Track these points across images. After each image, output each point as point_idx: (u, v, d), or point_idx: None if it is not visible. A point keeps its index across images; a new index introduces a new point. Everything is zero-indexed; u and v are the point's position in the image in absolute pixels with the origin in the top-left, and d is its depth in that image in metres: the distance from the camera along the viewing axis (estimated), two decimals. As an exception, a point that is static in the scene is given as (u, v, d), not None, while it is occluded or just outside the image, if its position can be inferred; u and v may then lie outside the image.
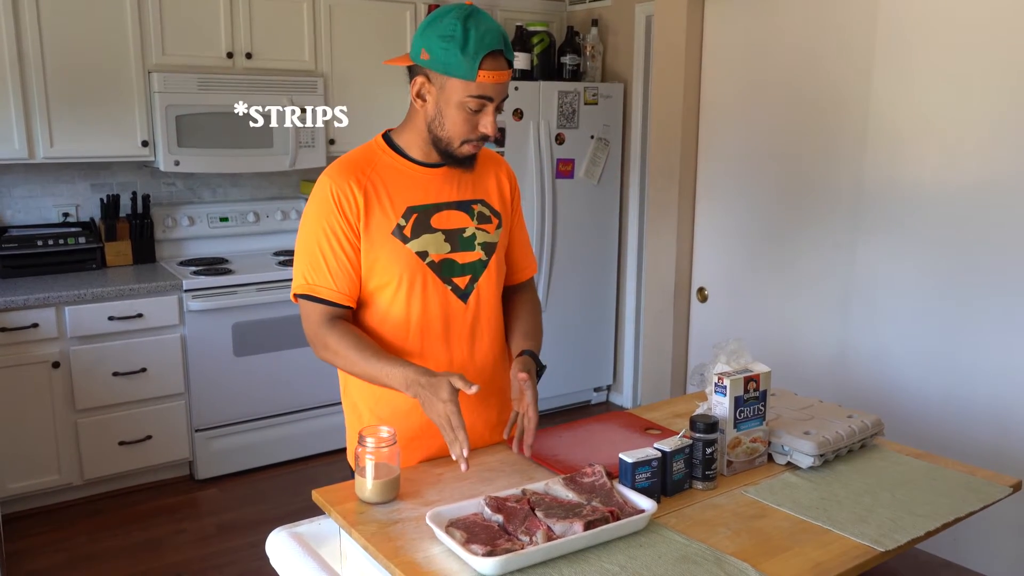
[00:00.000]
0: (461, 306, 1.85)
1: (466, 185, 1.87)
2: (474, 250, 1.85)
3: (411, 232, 1.78)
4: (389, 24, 4.32)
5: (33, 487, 3.47)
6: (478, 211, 1.87)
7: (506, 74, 1.70)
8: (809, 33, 3.15)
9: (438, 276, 1.81)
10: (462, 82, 1.68)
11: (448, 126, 1.73)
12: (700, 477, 1.72)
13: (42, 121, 3.53)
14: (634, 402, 4.85)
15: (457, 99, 1.70)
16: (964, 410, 2.84)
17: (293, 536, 1.65)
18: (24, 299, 3.32)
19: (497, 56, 1.68)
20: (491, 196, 1.91)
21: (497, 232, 1.90)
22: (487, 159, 1.95)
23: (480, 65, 1.66)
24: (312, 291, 1.77)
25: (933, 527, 1.59)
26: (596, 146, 4.57)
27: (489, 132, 1.73)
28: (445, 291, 1.82)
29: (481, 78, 1.67)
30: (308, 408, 4.06)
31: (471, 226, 1.85)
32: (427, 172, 1.82)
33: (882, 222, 3.00)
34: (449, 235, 1.82)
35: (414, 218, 1.78)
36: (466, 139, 1.74)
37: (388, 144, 1.83)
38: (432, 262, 1.80)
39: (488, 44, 1.66)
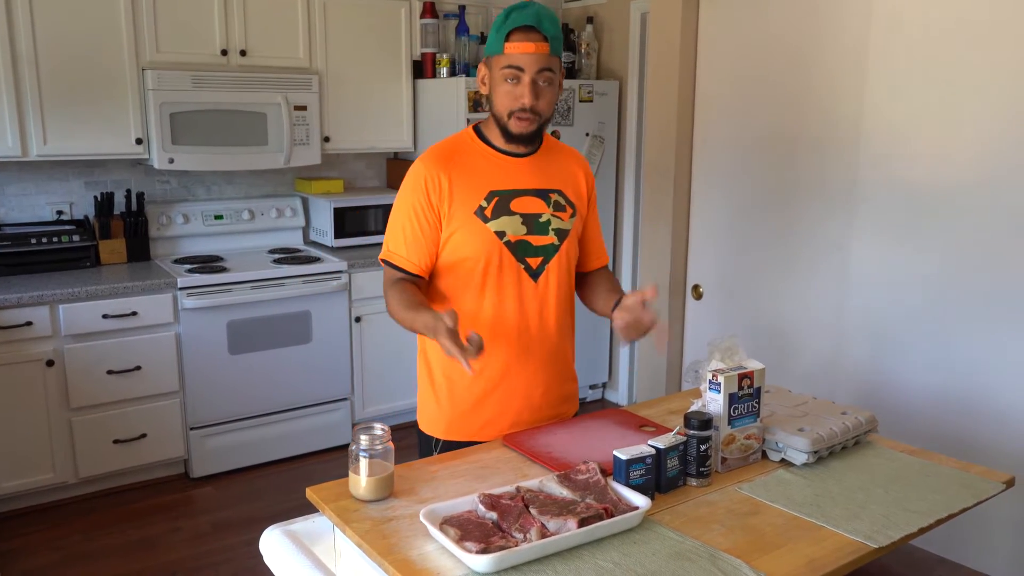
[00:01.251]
0: (532, 284, 2.00)
1: (546, 175, 2.03)
2: (548, 234, 2.01)
3: (492, 213, 1.95)
4: (384, 21, 4.31)
5: (27, 486, 3.46)
6: (554, 200, 2.03)
7: (531, 45, 1.86)
8: (804, 30, 3.15)
9: (513, 255, 1.97)
10: (497, 57, 1.90)
11: (496, 102, 1.93)
12: (694, 474, 1.72)
13: (35, 118, 3.52)
14: (629, 399, 4.85)
15: (497, 75, 1.90)
16: (957, 406, 2.85)
17: (287, 534, 1.64)
18: (18, 297, 3.31)
19: (527, 30, 1.86)
20: (568, 188, 2.06)
21: (571, 220, 2.05)
22: (569, 155, 2.13)
23: (507, 38, 1.86)
24: (388, 257, 2.00)
25: (927, 523, 1.60)
26: (591, 143, 4.57)
27: (526, 102, 1.88)
28: (518, 269, 1.99)
29: (508, 49, 1.87)
30: (303, 406, 4.06)
31: (547, 212, 2.01)
32: (511, 160, 2.00)
33: (876, 219, 3.01)
34: (526, 219, 1.98)
35: (495, 201, 1.96)
36: (510, 111, 1.91)
37: (477, 135, 2.02)
38: (509, 242, 1.96)
39: (515, 21, 1.86)
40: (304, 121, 4.08)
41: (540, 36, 1.87)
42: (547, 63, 1.88)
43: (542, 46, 1.87)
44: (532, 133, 1.95)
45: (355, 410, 4.23)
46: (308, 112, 4.09)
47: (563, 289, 2.06)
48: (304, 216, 4.52)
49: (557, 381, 2.10)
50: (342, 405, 4.18)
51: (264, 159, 4.02)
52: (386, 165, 4.83)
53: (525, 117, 1.90)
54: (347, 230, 4.33)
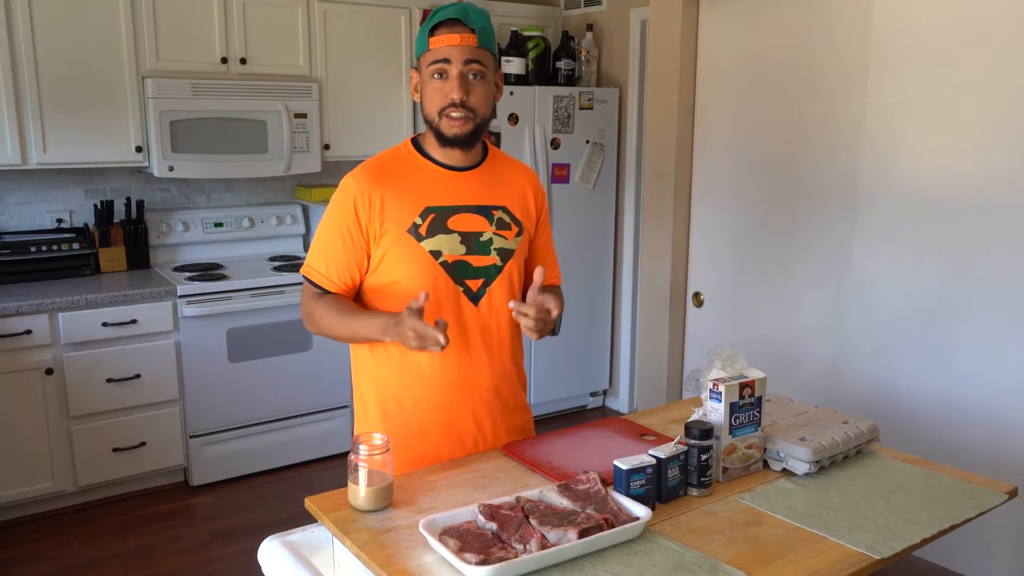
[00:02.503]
0: (473, 309, 1.88)
1: (490, 190, 1.91)
2: (489, 254, 1.89)
3: (426, 231, 1.83)
4: (384, 29, 4.31)
5: (26, 494, 3.45)
6: (498, 217, 1.91)
7: (456, 36, 1.78)
8: (804, 36, 3.15)
9: (451, 277, 1.85)
10: (424, 55, 1.82)
11: (426, 103, 1.83)
12: (695, 484, 1.71)
13: (35, 126, 3.52)
14: (630, 407, 4.84)
15: (426, 74, 1.82)
16: (960, 416, 2.84)
17: (285, 544, 1.63)
18: (17, 305, 3.31)
19: (452, 23, 1.79)
20: (514, 205, 1.95)
21: (516, 240, 1.93)
22: (517, 169, 2.01)
23: (431, 33, 1.79)
24: (308, 274, 1.91)
25: (929, 534, 1.59)
26: (591, 151, 4.57)
27: (455, 96, 1.78)
28: (457, 292, 1.86)
29: (433, 44, 1.79)
30: (303, 414, 4.05)
31: (489, 231, 1.89)
32: (451, 175, 1.88)
33: (877, 225, 3.00)
34: (465, 237, 1.86)
35: (431, 218, 1.84)
36: (440, 109, 1.80)
37: (416, 147, 1.91)
38: (445, 262, 1.84)
39: (439, 16, 1.79)
40: (304, 129, 4.08)
41: (466, 28, 1.78)
42: (475, 55, 1.78)
43: (468, 37, 1.77)
44: (467, 135, 1.82)
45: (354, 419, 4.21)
46: (308, 120, 4.09)
47: (508, 313, 1.90)
48: (304, 223, 4.52)
49: (504, 412, 1.97)
50: (342, 413, 4.17)
51: (264, 167, 4.02)
52: (386, 172, 4.82)
53: (457, 116, 1.79)
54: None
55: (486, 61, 1.81)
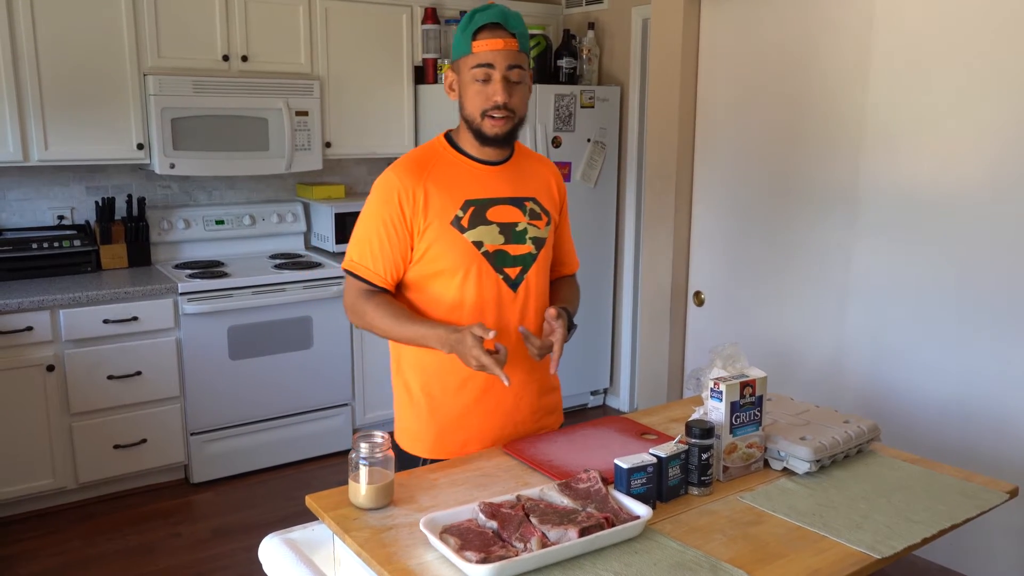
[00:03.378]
0: (511, 294, 1.97)
1: (520, 183, 2.00)
2: (525, 243, 1.97)
3: (468, 223, 1.91)
4: (385, 27, 4.31)
5: (27, 491, 3.46)
6: (530, 208, 2.00)
7: (500, 41, 1.84)
8: (806, 36, 3.14)
9: (491, 266, 1.93)
10: (465, 58, 1.87)
11: (467, 104, 1.89)
12: (696, 483, 1.71)
13: (37, 123, 3.52)
14: (631, 405, 4.84)
15: (467, 76, 1.88)
16: (961, 415, 2.84)
17: (286, 542, 1.64)
18: (19, 302, 3.31)
19: (493, 28, 1.84)
20: (541, 195, 2.04)
21: (546, 229, 2.03)
22: (541, 163, 2.10)
23: (474, 37, 1.84)
24: (354, 268, 1.95)
25: (930, 533, 1.59)
26: (593, 149, 4.57)
27: (499, 99, 1.85)
28: (497, 280, 1.94)
29: (476, 48, 1.85)
30: (304, 411, 4.05)
31: (523, 221, 1.98)
32: (484, 169, 1.96)
33: (879, 225, 3.00)
34: (503, 228, 1.95)
35: (471, 211, 1.92)
36: (483, 111, 1.87)
37: (449, 143, 1.98)
38: (487, 252, 1.92)
39: (480, 20, 1.84)
40: (305, 126, 4.08)
41: (507, 33, 1.85)
42: (516, 59, 1.86)
43: (511, 42, 1.85)
44: (507, 134, 1.90)
45: (355, 416, 4.22)
46: (309, 117, 4.09)
47: (542, 298, 2.03)
48: (305, 221, 4.52)
49: (539, 392, 2.07)
50: (343, 411, 4.17)
51: (265, 164, 4.02)
52: (387, 170, 4.82)
53: (500, 116, 1.86)
54: (348, 235, 4.27)
55: (524, 64, 1.89)
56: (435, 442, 1.98)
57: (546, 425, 2.10)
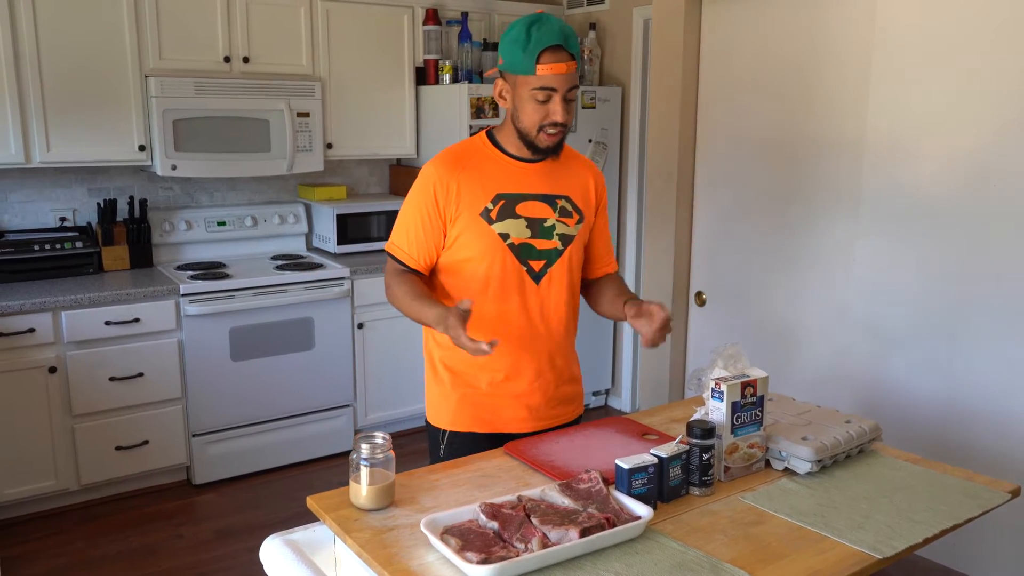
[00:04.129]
0: (534, 286, 2.05)
1: (554, 181, 2.07)
2: (552, 239, 2.05)
3: (497, 216, 2.00)
4: (386, 28, 4.31)
5: (30, 492, 3.46)
6: (561, 205, 2.07)
7: (563, 65, 1.89)
8: (807, 37, 3.14)
9: (516, 257, 2.02)
10: (526, 76, 1.91)
11: (523, 118, 1.96)
12: (697, 483, 1.71)
13: (39, 125, 3.52)
14: (632, 406, 4.84)
15: (526, 93, 1.93)
16: (962, 415, 2.83)
17: (287, 543, 1.64)
18: (21, 304, 3.31)
19: (556, 50, 1.89)
20: (575, 194, 2.10)
21: (576, 227, 2.09)
22: (580, 162, 2.16)
23: (538, 59, 1.89)
24: (392, 250, 2.08)
25: (931, 534, 1.59)
26: (594, 149, 4.57)
27: (559, 119, 1.93)
28: (520, 271, 2.03)
29: (540, 71, 1.89)
30: (306, 412, 4.05)
31: (552, 217, 2.05)
32: (520, 166, 2.04)
33: (880, 226, 3.00)
34: (531, 222, 2.03)
35: (501, 204, 2.00)
36: (540, 127, 1.95)
37: (490, 139, 2.06)
38: (512, 244, 2.01)
39: (545, 41, 1.88)
40: (307, 128, 4.09)
41: (568, 55, 1.91)
42: (574, 81, 1.93)
43: (572, 65, 1.91)
44: (559, 145, 2.01)
45: (357, 417, 4.22)
46: (311, 119, 4.09)
47: (565, 293, 2.09)
48: (307, 222, 4.52)
49: (558, 381, 2.14)
50: (344, 412, 4.17)
51: (267, 166, 4.02)
52: (389, 171, 4.83)
53: (555, 132, 1.95)
54: (350, 237, 4.33)
55: (578, 82, 1.98)
56: (456, 416, 2.09)
57: (561, 414, 2.16)
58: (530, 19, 1.93)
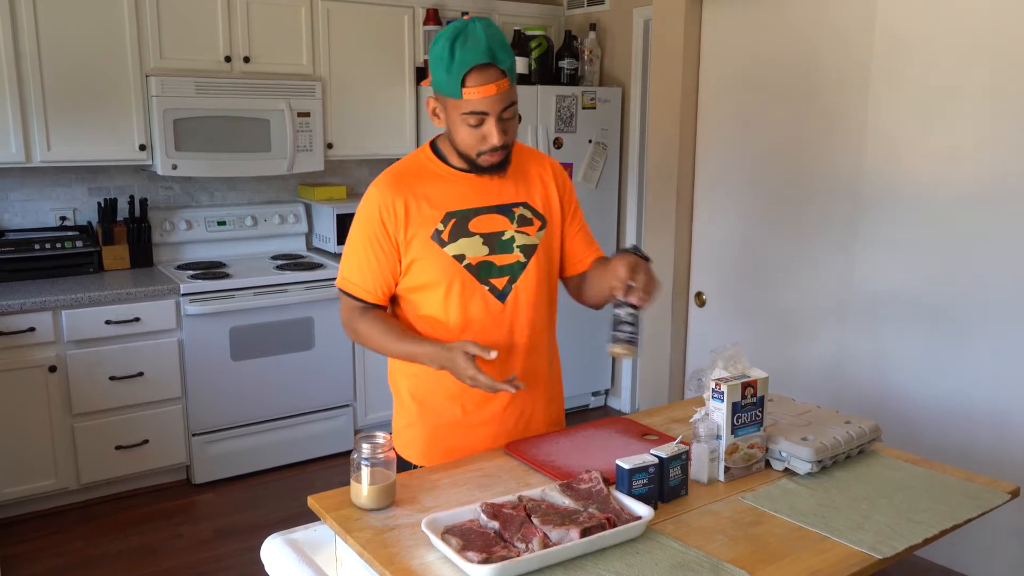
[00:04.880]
0: (499, 306, 1.90)
1: (508, 189, 1.91)
2: (512, 252, 1.90)
3: (448, 236, 1.85)
4: (387, 28, 4.31)
5: (29, 491, 3.46)
6: (519, 214, 1.92)
7: (492, 87, 1.71)
8: (807, 37, 3.15)
9: (475, 278, 1.87)
10: (454, 101, 1.75)
11: (459, 140, 1.81)
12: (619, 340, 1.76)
13: (39, 124, 3.53)
14: (632, 406, 4.85)
15: (457, 116, 1.77)
16: (962, 416, 2.84)
17: (288, 543, 1.64)
18: (21, 303, 3.32)
19: (484, 69, 1.70)
20: (534, 198, 1.95)
21: (539, 234, 1.94)
22: (533, 160, 1.99)
23: (463, 83, 1.71)
24: (346, 287, 1.92)
25: (931, 534, 1.59)
26: (594, 150, 4.57)
27: (495, 142, 1.77)
28: (483, 292, 1.89)
29: (466, 95, 1.72)
30: (306, 412, 4.05)
31: (510, 229, 1.90)
32: (468, 178, 1.88)
33: (880, 227, 3.00)
34: (487, 238, 1.88)
35: (452, 223, 1.86)
36: (479, 151, 1.80)
37: (434, 151, 1.91)
38: (469, 265, 1.87)
39: (469, 61, 1.69)
40: (307, 127, 4.09)
41: (498, 72, 1.71)
42: (509, 98, 1.75)
43: (503, 83, 1.72)
44: (502, 162, 1.84)
45: (357, 417, 4.22)
46: (311, 118, 4.09)
47: (536, 308, 1.95)
48: (307, 222, 4.52)
49: (532, 404, 2.00)
50: (344, 412, 4.17)
51: (267, 165, 4.03)
52: (389, 171, 4.83)
53: (496, 153, 1.80)
54: (350, 236, 4.32)
55: (515, 96, 1.78)
56: (425, 450, 1.96)
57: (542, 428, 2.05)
58: (454, 32, 1.71)
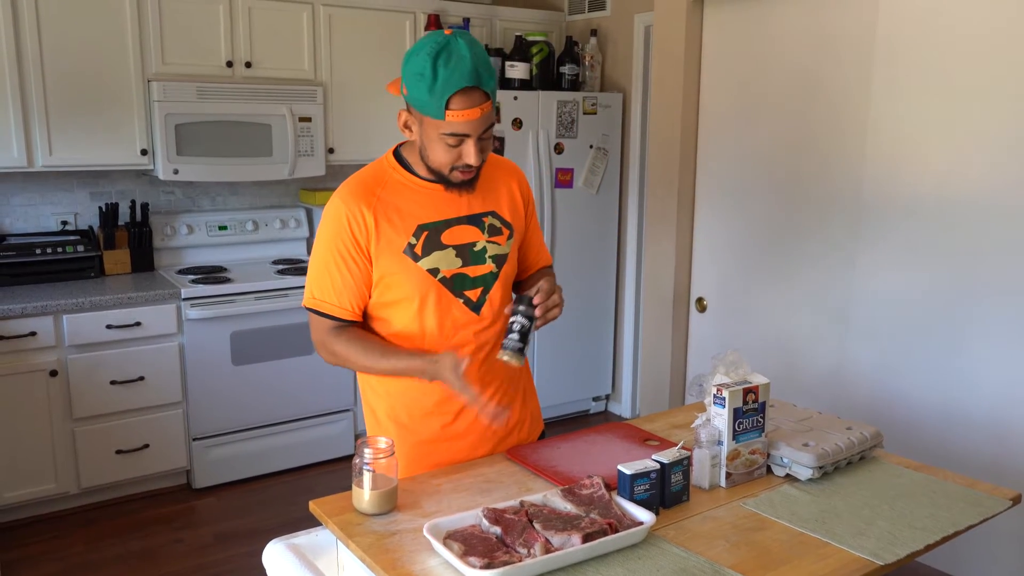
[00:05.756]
0: (474, 317, 1.88)
1: (476, 199, 1.88)
2: (485, 263, 1.88)
3: (422, 250, 1.81)
4: (388, 33, 4.32)
5: (30, 496, 3.46)
6: (488, 224, 1.89)
7: (476, 111, 1.68)
8: (808, 43, 3.15)
9: (450, 291, 1.84)
10: (434, 121, 1.69)
11: (433, 157, 1.76)
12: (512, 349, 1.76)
13: (41, 129, 3.53)
14: (633, 412, 4.84)
15: (435, 135, 1.72)
16: (964, 422, 2.84)
17: (290, 548, 1.64)
18: (22, 307, 3.32)
19: (469, 92, 1.66)
20: (502, 207, 1.93)
21: (508, 243, 1.92)
22: (499, 168, 1.96)
23: (447, 105, 1.66)
24: (318, 306, 1.84)
25: (932, 540, 1.59)
26: (595, 155, 4.58)
27: (472, 162, 1.74)
28: (458, 305, 1.86)
29: (450, 117, 1.67)
30: (306, 417, 4.05)
31: (482, 239, 1.88)
32: (437, 189, 1.84)
33: (881, 233, 3.00)
34: (460, 250, 1.85)
35: (424, 236, 1.81)
36: (453, 167, 1.76)
37: (398, 160, 1.86)
38: (444, 278, 1.83)
39: (455, 83, 1.64)
40: (308, 132, 4.09)
41: (483, 95, 1.68)
42: (490, 120, 1.73)
43: (486, 106, 1.69)
44: (473, 180, 1.81)
45: (357, 422, 4.22)
46: (312, 123, 4.10)
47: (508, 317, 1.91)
48: (308, 227, 4.52)
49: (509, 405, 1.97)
50: (344, 417, 4.17)
51: (268, 170, 4.03)
52: (390, 176, 4.83)
53: (469, 171, 1.77)
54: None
55: (495, 116, 1.76)
56: (407, 468, 1.89)
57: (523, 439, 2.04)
58: (435, 47, 1.65)
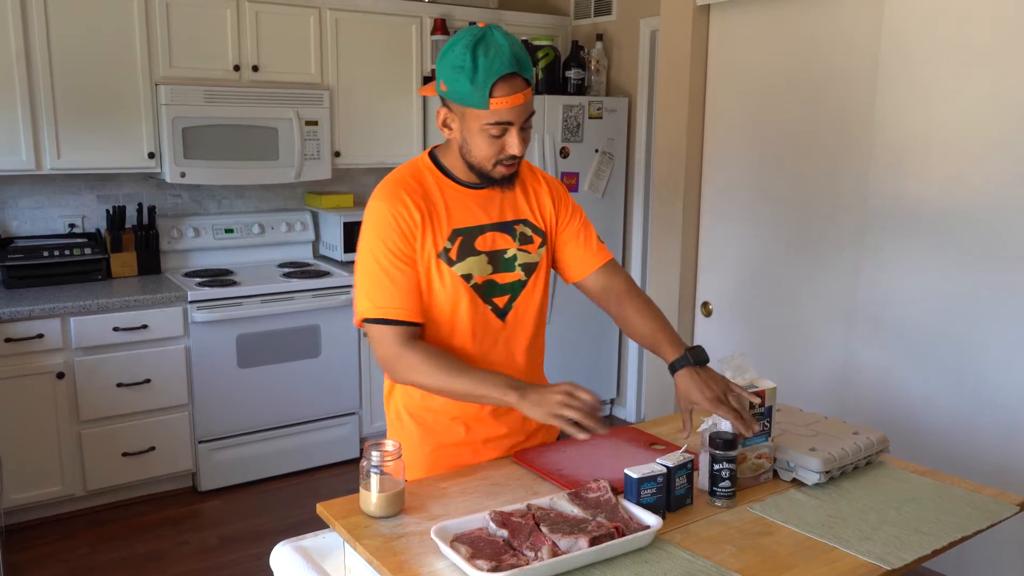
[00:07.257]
0: (499, 324, 1.89)
1: (508, 206, 1.89)
2: (514, 271, 1.88)
3: (456, 255, 1.81)
4: (395, 37, 4.34)
5: (36, 498, 3.47)
6: (520, 232, 1.90)
7: (520, 96, 1.69)
8: (814, 48, 3.15)
9: (480, 297, 1.85)
10: (477, 111, 1.70)
11: (475, 152, 1.76)
12: (719, 494, 1.70)
13: (49, 132, 3.55)
14: (638, 416, 4.84)
15: (477, 127, 1.72)
16: (970, 427, 2.83)
17: (297, 550, 1.65)
18: (29, 310, 3.33)
19: (510, 78, 1.67)
20: (534, 215, 1.93)
21: (539, 252, 1.93)
22: (533, 178, 1.96)
23: (491, 93, 1.66)
24: (382, 314, 1.76)
25: (939, 545, 1.59)
26: (600, 160, 4.58)
27: (516, 152, 1.74)
28: (485, 311, 1.86)
29: (494, 105, 1.68)
30: (312, 420, 4.06)
31: (513, 247, 1.88)
32: (471, 193, 1.85)
33: (888, 238, 3.00)
34: (492, 256, 1.86)
35: (459, 241, 1.82)
36: (496, 161, 1.76)
37: (434, 163, 1.86)
38: (476, 284, 1.84)
39: (497, 70, 1.65)
40: (315, 136, 4.11)
41: (523, 82, 1.69)
42: (531, 107, 1.74)
43: (528, 92, 1.70)
44: (515, 175, 1.82)
45: (363, 425, 4.23)
46: (319, 127, 4.11)
47: (531, 323, 1.94)
48: (314, 230, 4.54)
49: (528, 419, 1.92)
50: (350, 419, 4.18)
51: (275, 174, 4.04)
52: (396, 180, 4.84)
53: (512, 164, 1.78)
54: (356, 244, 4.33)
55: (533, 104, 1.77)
56: (429, 469, 1.90)
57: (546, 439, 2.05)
58: (472, 39, 1.66)
